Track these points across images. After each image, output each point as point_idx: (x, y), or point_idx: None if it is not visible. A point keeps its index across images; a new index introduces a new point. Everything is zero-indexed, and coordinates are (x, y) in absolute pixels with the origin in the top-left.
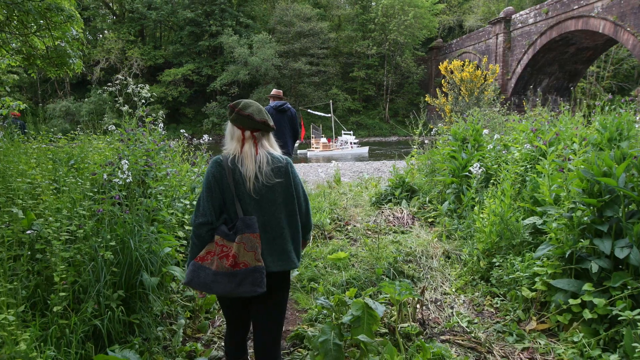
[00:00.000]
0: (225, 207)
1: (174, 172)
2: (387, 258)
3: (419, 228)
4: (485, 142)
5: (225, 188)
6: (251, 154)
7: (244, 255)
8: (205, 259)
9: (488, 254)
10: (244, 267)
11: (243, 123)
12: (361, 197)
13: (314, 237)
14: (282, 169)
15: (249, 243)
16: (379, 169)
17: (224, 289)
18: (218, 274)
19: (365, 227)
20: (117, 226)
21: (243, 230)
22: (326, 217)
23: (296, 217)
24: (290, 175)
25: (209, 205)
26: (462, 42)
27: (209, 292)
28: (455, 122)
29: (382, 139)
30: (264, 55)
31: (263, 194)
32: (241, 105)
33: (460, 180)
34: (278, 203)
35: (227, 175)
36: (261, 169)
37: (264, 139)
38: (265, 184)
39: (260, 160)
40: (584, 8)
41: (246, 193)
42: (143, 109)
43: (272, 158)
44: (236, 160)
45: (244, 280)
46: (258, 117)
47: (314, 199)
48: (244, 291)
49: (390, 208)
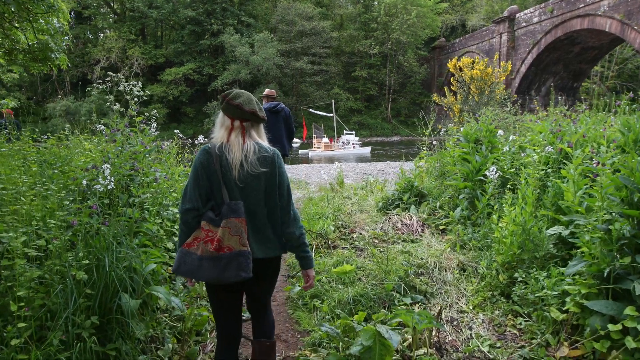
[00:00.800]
0: (212, 194)
1: (164, 176)
2: (397, 271)
3: (430, 236)
4: (500, 143)
5: (212, 175)
6: (238, 143)
7: (229, 240)
8: (191, 245)
9: (508, 267)
10: (229, 251)
11: (232, 112)
12: (366, 202)
13: (317, 247)
14: (269, 159)
15: (234, 227)
16: (383, 170)
17: (210, 274)
18: (203, 259)
19: (372, 236)
20: (94, 240)
21: (228, 214)
22: (330, 224)
23: (277, 208)
24: (275, 165)
25: (196, 192)
26: (466, 41)
27: (196, 279)
28: (467, 122)
29: (384, 139)
30: (266, 55)
31: (248, 182)
32: (232, 94)
33: (474, 185)
34: (261, 192)
35: (215, 162)
36: (247, 158)
37: (252, 129)
38: (250, 172)
39: (247, 149)
40: (590, 7)
41: (232, 180)
42: (132, 108)
43: (259, 148)
44: (223, 147)
45: (228, 264)
46: (247, 107)
47: (316, 204)
48: (229, 276)
49: (398, 214)
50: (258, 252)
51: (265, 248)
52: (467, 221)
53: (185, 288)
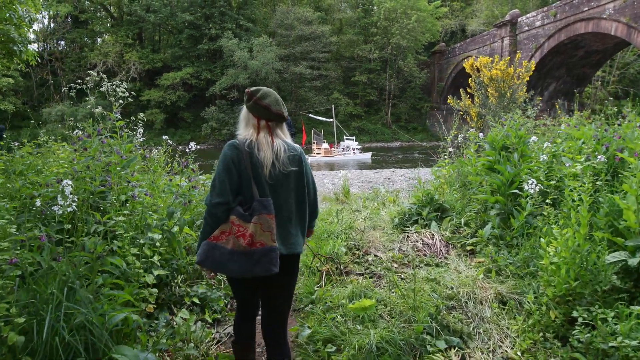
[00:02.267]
0: (241, 189)
1: (144, 192)
2: (426, 307)
3: (457, 259)
4: (533, 151)
5: (242, 170)
6: (267, 142)
7: (261, 235)
8: (220, 239)
9: (560, 302)
10: (261, 246)
11: (259, 112)
12: (379, 217)
13: (328, 273)
14: (297, 157)
15: (266, 223)
16: (389, 178)
17: (241, 268)
18: (235, 253)
19: (390, 258)
20: (38, 285)
21: (260, 210)
22: (341, 245)
23: (305, 204)
24: (303, 164)
25: (226, 186)
26: (466, 46)
27: (224, 272)
28: (492, 127)
29: (385, 144)
30: (264, 59)
31: (279, 179)
32: (260, 94)
33: (507, 200)
34: (291, 189)
35: (244, 158)
36: (279, 157)
37: (277, 128)
38: (281, 171)
39: (277, 149)
40: (595, 10)
41: (263, 177)
42: (114, 112)
43: (287, 147)
44: (252, 145)
45: (260, 259)
46: (274, 108)
47: (323, 218)
48: (260, 270)
49: (417, 231)
50: (282, 248)
51: (289, 244)
52: (499, 241)
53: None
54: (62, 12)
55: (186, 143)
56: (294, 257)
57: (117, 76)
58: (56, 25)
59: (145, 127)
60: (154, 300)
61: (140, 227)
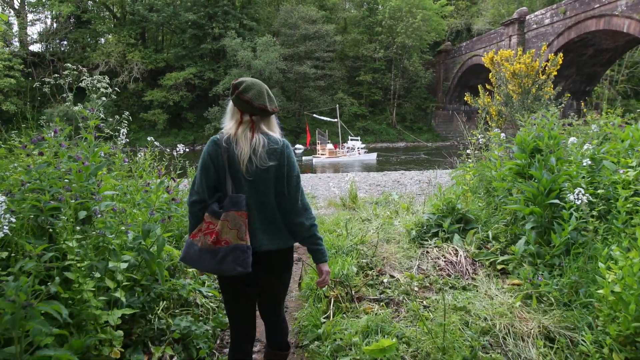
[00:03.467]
0: (220, 186)
1: (112, 207)
2: (458, 347)
3: (487, 280)
4: (571, 154)
5: (220, 167)
6: (246, 137)
7: (227, 233)
8: (195, 236)
9: (625, 342)
10: (225, 244)
11: (242, 106)
12: (393, 227)
13: (337, 300)
14: (278, 151)
15: (233, 221)
16: (398, 180)
17: (208, 266)
18: (202, 251)
19: (409, 279)
20: None
21: (229, 207)
22: (352, 264)
23: (285, 199)
24: (284, 156)
25: (203, 184)
26: (473, 44)
27: (198, 269)
28: (522, 127)
29: (390, 144)
30: (268, 59)
31: (257, 175)
32: (242, 87)
33: (544, 211)
34: (270, 183)
35: (222, 153)
36: (256, 152)
37: (262, 122)
38: (259, 166)
39: (255, 143)
40: (606, 7)
41: (240, 173)
42: (86, 108)
43: (268, 141)
44: (230, 140)
45: (225, 257)
46: (257, 102)
47: (330, 229)
48: (226, 269)
49: (437, 246)
50: (269, 244)
51: (278, 239)
52: (536, 260)
53: None
54: (65, 12)
55: (190, 144)
56: (284, 252)
57: (120, 76)
58: (58, 25)
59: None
60: (120, 344)
61: (103, 251)
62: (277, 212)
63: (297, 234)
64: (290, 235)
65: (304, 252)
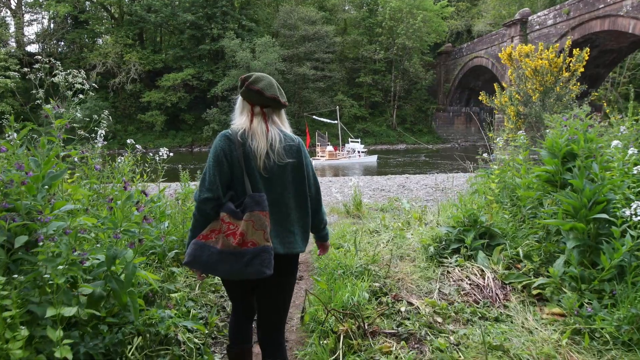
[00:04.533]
0: (233, 184)
1: (64, 229)
2: None
3: (522, 309)
4: (612, 160)
5: (234, 163)
6: (262, 131)
7: (253, 234)
8: (209, 237)
9: None
10: (252, 246)
11: (252, 98)
12: (405, 240)
13: (346, 336)
14: (295, 148)
15: (258, 221)
16: (403, 185)
17: (231, 270)
18: (224, 253)
19: (430, 308)
20: None
21: (252, 207)
22: (363, 289)
23: (306, 200)
24: (302, 155)
25: (217, 180)
26: (474, 46)
27: (213, 274)
28: (552, 128)
29: (390, 146)
30: (267, 60)
31: (274, 172)
32: (252, 79)
33: (588, 227)
34: (288, 183)
35: (237, 149)
36: (273, 147)
37: (274, 115)
38: (277, 162)
39: (272, 138)
40: (611, 7)
41: (256, 170)
42: (52, 107)
43: (284, 136)
44: (246, 135)
45: (252, 260)
46: (268, 92)
47: (335, 244)
48: (251, 272)
49: (459, 265)
50: (279, 248)
51: (287, 243)
52: (579, 284)
53: None
54: (61, 12)
55: (188, 145)
56: (292, 257)
57: (117, 77)
58: (55, 25)
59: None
60: None
61: (45, 289)
62: (292, 214)
63: (315, 227)
64: (301, 240)
65: (306, 269)
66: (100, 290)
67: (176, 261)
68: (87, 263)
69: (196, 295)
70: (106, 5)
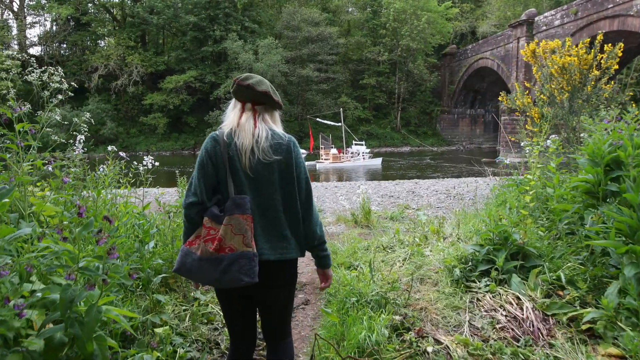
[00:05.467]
0: (219, 187)
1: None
2: None
3: (570, 348)
4: None
5: (220, 164)
6: (249, 127)
7: (231, 239)
8: (193, 244)
9: None
10: (230, 251)
11: (242, 94)
12: (424, 259)
13: None
14: (283, 146)
15: (237, 225)
16: (413, 191)
17: (209, 277)
18: (202, 260)
19: (461, 346)
20: None
21: (232, 210)
22: (381, 324)
23: (296, 202)
24: (292, 154)
25: (201, 183)
26: (479, 47)
27: (195, 281)
28: (590, 132)
29: (394, 149)
30: (270, 61)
31: (259, 172)
32: (243, 76)
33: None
34: (276, 182)
35: (222, 149)
36: (259, 144)
37: (266, 113)
38: (262, 160)
39: (259, 134)
40: (621, 7)
41: (241, 170)
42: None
43: (272, 134)
44: (232, 133)
45: (229, 266)
46: (259, 87)
47: (344, 262)
48: (230, 280)
49: (491, 291)
50: (270, 253)
51: (280, 248)
52: (639, 318)
53: None
54: (63, 15)
55: (190, 148)
56: (285, 264)
57: (119, 79)
58: (58, 27)
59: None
60: None
61: None
62: (282, 218)
63: (307, 241)
64: (295, 245)
65: (313, 291)
66: (60, 335)
67: (164, 286)
68: (26, 314)
69: (186, 328)
70: (108, 7)
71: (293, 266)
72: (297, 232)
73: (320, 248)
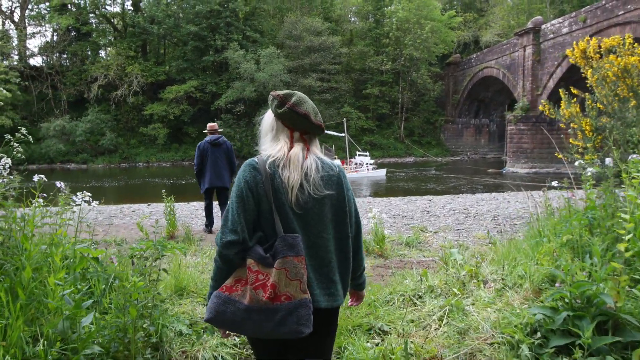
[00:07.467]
0: (260, 223)
1: None
2: None
3: None
4: None
5: (262, 198)
6: (298, 159)
7: (287, 285)
8: (233, 290)
9: None
10: (287, 300)
11: (294, 122)
12: (467, 317)
13: None
14: (334, 178)
15: (293, 269)
16: (427, 210)
17: (261, 329)
18: (252, 310)
19: None
20: None
21: (284, 252)
22: None
23: (347, 240)
24: (343, 187)
25: (241, 219)
26: (483, 56)
27: (240, 333)
28: None
29: (398, 159)
30: (272, 71)
31: (309, 208)
32: (294, 99)
33: None
34: (327, 220)
35: (265, 181)
36: (308, 177)
37: (313, 142)
38: (312, 195)
39: (308, 167)
40: (632, 13)
41: (287, 205)
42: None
43: (322, 164)
44: (277, 164)
45: (286, 317)
46: (314, 118)
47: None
48: (285, 332)
49: None
50: (322, 300)
51: (330, 295)
52: None
53: None
54: (63, 24)
55: (190, 159)
56: (334, 311)
57: (119, 89)
58: (58, 38)
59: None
60: None
61: None
62: (333, 258)
63: (353, 278)
64: (342, 289)
65: None
66: None
67: None
68: None
69: None
70: (109, 17)
71: (337, 313)
72: (346, 272)
73: (362, 274)
